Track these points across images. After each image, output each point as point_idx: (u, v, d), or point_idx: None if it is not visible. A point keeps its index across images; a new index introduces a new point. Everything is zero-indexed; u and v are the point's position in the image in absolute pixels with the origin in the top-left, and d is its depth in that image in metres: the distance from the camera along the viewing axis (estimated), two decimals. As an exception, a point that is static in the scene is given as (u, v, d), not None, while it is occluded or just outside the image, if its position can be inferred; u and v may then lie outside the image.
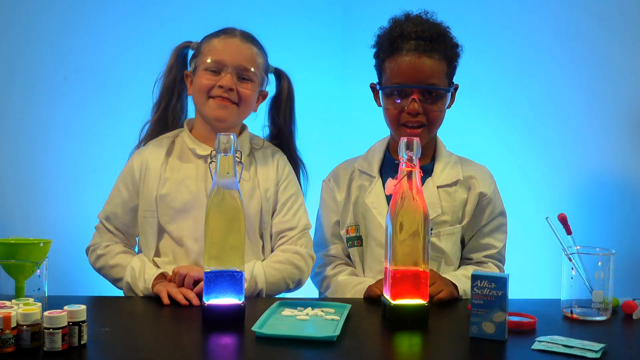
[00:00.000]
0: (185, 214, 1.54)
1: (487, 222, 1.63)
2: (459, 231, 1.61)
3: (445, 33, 1.56)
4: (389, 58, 1.57)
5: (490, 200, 1.62)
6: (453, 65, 1.58)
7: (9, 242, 1.24)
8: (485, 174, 1.66)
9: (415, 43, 1.53)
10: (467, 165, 1.66)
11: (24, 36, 2.00)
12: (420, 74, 1.52)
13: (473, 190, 1.62)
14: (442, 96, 1.55)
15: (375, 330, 1.26)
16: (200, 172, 1.56)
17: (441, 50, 1.54)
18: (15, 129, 2.00)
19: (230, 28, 1.59)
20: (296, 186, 1.64)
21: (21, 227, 1.95)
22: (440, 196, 1.59)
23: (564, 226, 1.45)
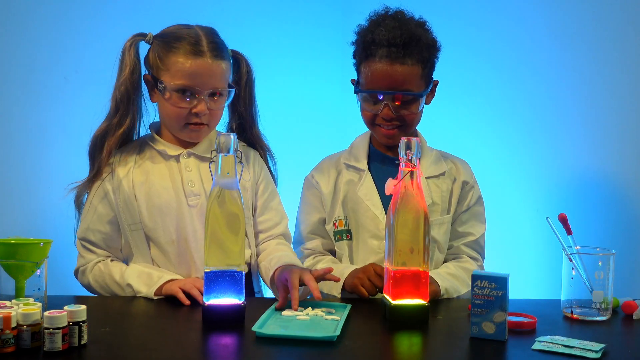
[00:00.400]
0: (167, 216, 1.53)
1: (465, 209, 1.65)
2: (448, 221, 1.63)
3: (420, 35, 1.55)
4: (364, 62, 1.58)
5: (471, 188, 1.66)
6: (430, 65, 1.59)
7: (9, 242, 1.24)
8: (464, 164, 1.70)
9: (387, 50, 1.53)
10: (448, 157, 1.70)
11: (23, 35, 2.00)
12: (392, 81, 1.53)
13: (457, 179, 1.65)
14: (415, 100, 1.56)
15: (375, 330, 1.26)
16: (173, 171, 1.55)
17: (415, 54, 1.53)
18: (15, 128, 2.00)
19: (193, 35, 1.50)
20: (272, 183, 1.68)
21: (21, 227, 1.95)
22: (429, 187, 1.61)
23: (564, 226, 1.45)
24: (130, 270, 1.51)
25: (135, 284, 1.47)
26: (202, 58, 1.48)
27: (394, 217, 1.27)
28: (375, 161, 1.66)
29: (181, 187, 1.54)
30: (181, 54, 1.48)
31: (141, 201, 1.53)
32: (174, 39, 1.50)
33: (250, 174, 1.62)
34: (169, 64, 1.49)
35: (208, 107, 1.50)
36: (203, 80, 1.48)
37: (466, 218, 1.65)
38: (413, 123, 1.60)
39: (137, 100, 1.56)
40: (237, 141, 1.26)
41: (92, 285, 1.55)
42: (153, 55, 1.53)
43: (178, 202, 1.53)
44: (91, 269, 1.56)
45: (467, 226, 1.65)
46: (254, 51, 1.65)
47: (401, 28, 1.54)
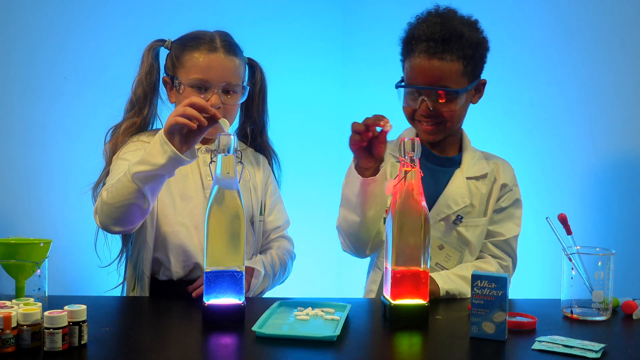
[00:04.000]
0: (184, 200, 1.56)
1: (499, 209, 1.65)
2: (484, 223, 1.63)
3: (463, 32, 1.54)
4: (406, 59, 1.59)
5: (509, 190, 1.65)
6: (473, 63, 1.56)
7: (9, 242, 1.24)
8: (507, 166, 1.69)
9: (426, 45, 1.53)
10: (491, 158, 1.69)
11: (23, 35, 2.00)
12: (429, 76, 1.53)
13: (497, 181, 1.65)
14: (454, 97, 1.55)
15: (375, 330, 1.26)
16: (192, 163, 1.55)
17: (455, 50, 1.52)
18: (15, 128, 2.00)
19: (208, 35, 1.56)
20: (278, 189, 1.74)
21: (21, 227, 1.95)
22: (469, 187, 1.62)
23: (564, 226, 1.45)
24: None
25: (138, 162, 1.35)
26: (216, 53, 1.54)
27: (394, 217, 1.27)
28: (421, 156, 1.65)
29: (199, 178, 1.58)
30: (196, 51, 1.54)
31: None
32: (190, 39, 1.57)
33: (260, 175, 1.67)
34: (185, 61, 1.55)
35: (222, 102, 1.53)
36: (216, 74, 1.53)
37: (499, 218, 1.65)
38: (452, 119, 1.57)
39: (154, 101, 1.60)
40: (237, 141, 1.26)
41: (106, 203, 1.38)
42: (170, 57, 1.59)
43: (196, 190, 1.57)
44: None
45: (498, 226, 1.64)
46: (253, 51, 1.66)
47: (442, 24, 1.54)
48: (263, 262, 1.57)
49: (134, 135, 1.59)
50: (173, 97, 1.59)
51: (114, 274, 1.65)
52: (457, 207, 1.59)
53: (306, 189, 2.49)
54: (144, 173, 1.32)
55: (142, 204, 1.37)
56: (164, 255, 1.55)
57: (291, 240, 1.73)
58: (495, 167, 1.66)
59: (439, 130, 1.58)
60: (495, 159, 1.69)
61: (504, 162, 1.69)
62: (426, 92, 1.53)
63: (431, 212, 1.59)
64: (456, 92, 1.53)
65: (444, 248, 1.59)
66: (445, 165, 1.64)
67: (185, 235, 1.55)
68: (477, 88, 1.61)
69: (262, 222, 1.67)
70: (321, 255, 2.64)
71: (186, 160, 1.32)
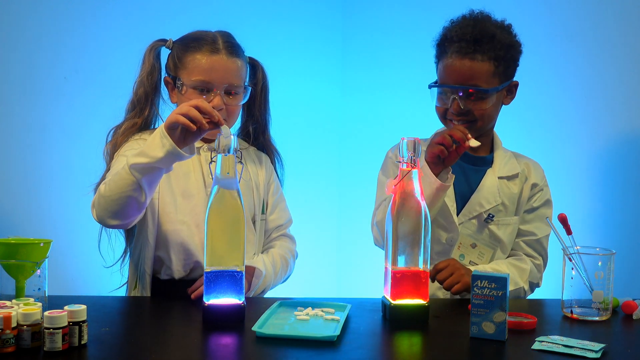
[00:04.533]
0: (185, 198, 1.56)
1: (531, 208, 1.67)
2: (515, 222, 1.66)
3: (494, 33, 1.56)
4: (439, 60, 1.62)
5: (539, 190, 1.68)
6: (505, 64, 1.58)
7: (9, 242, 1.24)
8: (537, 167, 1.72)
9: (458, 45, 1.56)
10: (522, 159, 1.72)
11: (23, 35, 2.00)
12: (460, 75, 1.56)
13: (528, 181, 1.68)
14: (484, 96, 1.57)
15: (375, 330, 1.26)
16: (194, 162, 1.59)
17: (487, 50, 1.55)
18: (15, 128, 2.00)
19: (210, 36, 1.56)
20: (280, 188, 1.74)
21: (21, 227, 1.95)
22: (500, 187, 1.64)
23: (564, 226, 1.45)
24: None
25: (136, 153, 1.35)
26: (218, 55, 1.54)
27: (394, 217, 1.27)
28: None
29: (201, 176, 1.58)
30: (198, 52, 1.54)
31: (163, 176, 1.52)
32: (192, 39, 1.57)
33: (263, 174, 1.67)
34: (187, 62, 1.55)
35: (225, 103, 1.54)
36: (219, 76, 1.53)
37: (530, 218, 1.67)
38: (483, 119, 1.60)
39: (155, 101, 1.60)
40: (237, 141, 1.26)
41: (103, 195, 1.38)
42: (172, 58, 1.59)
43: (198, 188, 1.57)
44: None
45: (531, 226, 1.67)
46: (254, 54, 1.66)
47: (475, 26, 1.57)
48: (264, 262, 1.57)
49: (135, 134, 1.58)
50: (175, 97, 1.59)
51: (116, 274, 1.65)
52: (489, 205, 1.62)
53: (306, 190, 2.49)
54: (141, 165, 1.32)
55: (139, 197, 1.36)
56: (165, 253, 1.55)
57: (293, 239, 1.73)
58: (526, 167, 1.69)
59: (470, 130, 1.58)
60: (525, 159, 1.72)
61: (534, 163, 1.72)
62: (457, 91, 1.56)
63: (463, 211, 1.63)
64: (486, 91, 1.56)
65: (476, 246, 1.62)
66: (477, 164, 1.67)
67: (187, 233, 1.55)
68: (508, 89, 1.63)
69: (264, 221, 1.67)
70: (321, 255, 2.65)
71: (185, 156, 1.32)
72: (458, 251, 1.62)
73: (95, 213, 1.41)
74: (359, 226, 2.71)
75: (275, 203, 1.70)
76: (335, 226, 2.78)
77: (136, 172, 1.33)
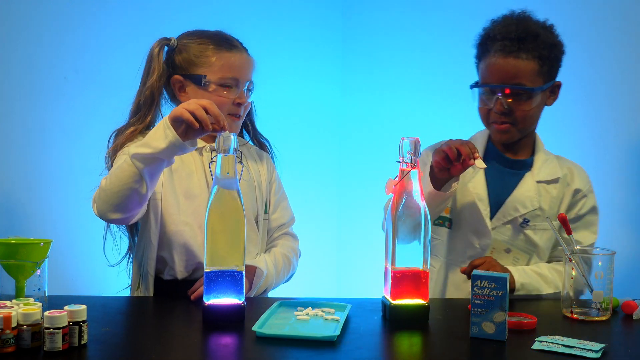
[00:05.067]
0: (188, 199, 1.56)
1: (575, 216, 1.63)
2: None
3: (538, 32, 1.55)
4: (481, 60, 1.60)
5: (583, 196, 1.64)
6: (549, 63, 1.57)
7: (9, 242, 1.24)
8: (581, 171, 1.67)
9: (501, 44, 1.54)
10: (565, 163, 1.68)
11: (23, 35, 2.00)
12: (504, 74, 1.54)
13: (569, 186, 1.64)
14: (530, 96, 1.55)
15: (375, 330, 1.26)
16: (197, 162, 1.59)
17: (531, 49, 1.53)
18: (15, 128, 2.00)
19: (224, 35, 1.58)
20: (282, 185, 1.73)
21: (21, 227, 1.95)
22: (539, 191, 1.61)
23: (564, 226, 1.45)
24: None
25: (139, 144, 1.37)
26: (240, 52, 1.58)
27: (394, 217, 1.27)
28: (492, 158, 1.65)
29: (204, 177, 1.58)
30: (223, 49, 1.56)
31: (166, 176, 1.55)
32: (207, 37, 1.57)
33: (265, 173, 1.68)
34: (210, 61, 1.55)
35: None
36: (245, 72, 1.58)
37: (575, 226, 1.62)
38: (526, 120, 1.57)
39: (159, 102, 1.60)
40: (237, 141, 1.26)
41: (104, 189, 1.38)
42: (184, 55, 1.57)
43: (200, 189, 1.56)
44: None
45: (575, 234, 1.60)
46: (254, 52, 1.66)
47: (518, 24, 1.55)
48: (266, 261, 1.57)
49: (137, 136, 1.57)
50: (185, 97, 1.56)
51: (117, 275, 1.65)
52: (525, 210, 1.59)
53: (306, 191, 2.49)
54: (143, 154, 1.33)
55: (140, 189, 1.36)
56: (168, 254, 1.55)
57: (296, 238, 1.73)
58: (569, 172, 1.65)
59: (512, 130, 1.57)
60: (569, 164, 1.67)
61: (578, 167, 1.68)
62: (501, 90, 1.54)
63: (497, 215, 1.60)
64: (531, 89, 1.53)
65: (511, 251, 1.59)
66: (515, 167, 1.64)
67: (190, 234, 1.55)
68: (551, 90, 1.61)
69: (267, 221, 1.67)
70: (321, 255, 2.65)
71: (187, 148, 1.33)
72: (491, 256, 1.59)
73: (96, 207, 1.41)
74: (359, 226, 2.72)
75: (277, 202, 1.70)
76: (335, 226, 2.78)
77: (138, 161, 1.33)
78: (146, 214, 1.53)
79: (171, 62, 1.59)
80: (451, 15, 2.45)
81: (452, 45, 2.47)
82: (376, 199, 1.67)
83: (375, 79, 2.66)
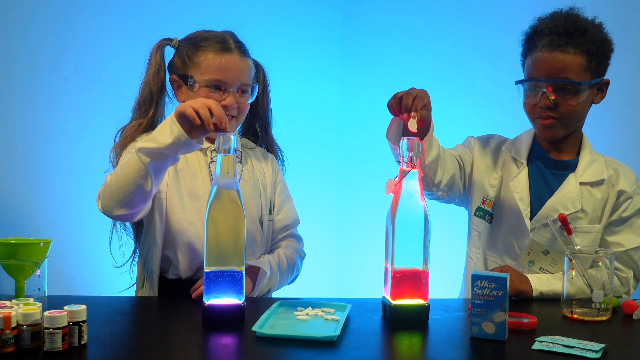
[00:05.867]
0: (193, 199, 1.56)
1: (618, 218, 1.61)
2: (597, 230, 1.59)
3: (587, 28, 1.53)
4: (528, 55, 1.59)
5: (628, 198, 1.60)
6: (597, 59, 1.55)
7: (9, 242, 1.24)
8: (628, 172, 1.64)
9: (549, 38, 1.53)
10: (611, 164, 1.65)
11: (23, 36, 2.00)
12: (551, 68, 1.53)
13: (614, 188, 1.61)
14: (576, 91, 1.53)
15: (375, 330, 1.26)
16: (201, 162, 1.60)
17: (579, 44, 1.52)
18: (15, 128, 2.00)
19: (220, 36, 1.58)
20: (287, 186, 1.74)
21: (21, 227, 1.95)
22: (581, 193, 1.59)
23: (564, 226, 1.45)
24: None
25: (145, 139, 1.38)
26: (231, 54, 1.56)
27: (394, 217, 1.27)
28: (536, 158, 1.65)
29: (208, 177, 1.58)
30: (211, 51, 1.55)
31: (171, 175, 1.55)
32: (202, 39, 1.57)
33: (270, 174, 1.68)
34: (199, 61, 1.56)
35: (236, 101, 1.56)
36: (232, 75, 1.55)
37: (619, 229, 1.60)
38: (570, 116, 1.56)
39: (161, 101, 1.61)
40: (237, 141, 1.26)
41: (109, 184, 1.39)
42: (180, 56, 1.59)
43: (205, 189, 1.57)
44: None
45: (618, 236, 1.60)
46: (254, 55, 1.66)
47: (566, 19, 1.54)
48: (270, 262, 1.57)
49: (142, 134, 1.58)
50: (182, 96, 1.59)
51: (119, 275, 1.65)
52: (567, 212, 1.56)
53: (306, 190, 2.49)
54: (148, 149, 1.33)
55: (145, 184, 1.37)
56: (172, 253, 1.55)
57: (300, 239, 1.73)
58: (615, 173, 1.62)
59: (558, 126, 1.56)
60: (615, 165, 1.65)
61: (626, 168, 1.65)
62: (548, 84, 1.52)
63: (537, 216, 1.59)
64: (579, 83, 1.52)
65: (549, 253, 1.58)
66: (559, 168, 1.62)
67: (194, 234, 1.55)
68: (599, 87, 1.59)
69: (271, 222, 1.68)
70: (321, 255, 2.65)
71: (193, 145, 1.34)
72: (527, 257, 1.58)
73: (101, 203, 1.41)
74: (359, 226, 2.72)
75: (282, 203, 1.70)
76: (335, 226, 2.78)
77: (144, 155, 1.34)
78: (151, 213, 1.54)
79: (171, 62, 1.61)
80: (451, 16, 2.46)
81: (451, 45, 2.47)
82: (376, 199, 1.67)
83: (375, 78, 2.66)
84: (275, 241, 1.69)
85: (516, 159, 1.66)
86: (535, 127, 1.61)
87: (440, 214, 1.68)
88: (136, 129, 1.58)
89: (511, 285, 1.45)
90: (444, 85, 2.43)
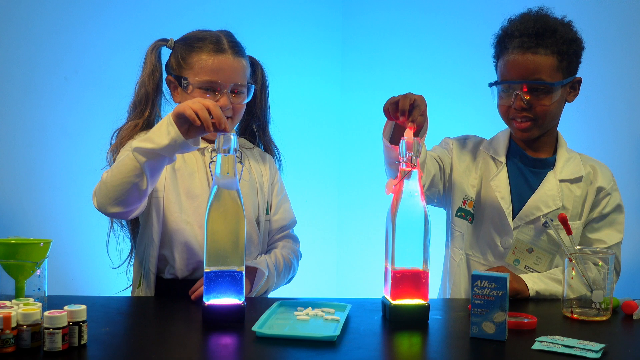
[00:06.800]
0: (190, 198, 1.56)
1: (599, 215, 1.62)
2: (577, 227, 1.61)
3: (557, 27, 1.55)
4: (500, 58, 1.60)
5: (606, 194, 1.63)
6: (568, 59, 1.56)
7: (9, 242, 1.24)
8: (604, 169, 1.66)
9: (520, 40, 1.54)
10: (588, 161, 1.67)
11: (23, 36, 2.00)
12: (523, 70, 1.54)
13: (593, 185, 1.63)
14: (549, 91, 1.54)
15: (375, 330, 1.26)
16: (199, 162, 1.60)
17: (549, 45, 1.53)
18: (15, 128, 2.00)
19: (215, 36, 1.57)
20: (284, 187, 1.74)
21: (21, 227, 1.95)
22: (562, 190, 1.60)
23: (564, 226, 1.45)
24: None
25: (142, 139, 1.36)
26: (224, 55, 1.55)
27: (394, 217, 1.27)
28: (514, 157, 1.66)
29: (206, 177, 1.58)
30: (204, 52, 1.55)
31: (169, 174, 1.55)
32: (196, 40, 1.57)
33: (267, 174, 1.68)
34: (192, 62, 1.55)
35: (230, 102, 1.55)
36: (226, 76, 1.54)
37: (599, 226, 1.62)
38: (546, 116, 1.57)
39: (157, 101, 1.61)
40: (237, 141, 1.26)
41: (105, 182, 1.39)
42: (175, 57, 1.59)
43: (202, 189, 1.57)
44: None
45: (599, 233, 1.62)
46: (254, 54, 1.66)
47: (536, 20, 1.55)
48: (267, 262, 1.57)
49: (138, 134, 1.58)
50: (178, 97, 1.59)
51: (120, 275, 1.65)
52: (548, 209, 1.58)
53: (306, 190, 2.50)
54: (144, 149, 1.33)
55: (141, 183, 1.36)
56: (169, 252, 1.55)
57: (297, 240, 1.73)
58: (592, 170, 1.64)
59: (533, 127, 1.57)
60: (592, 162, 1.67)
61: (602, 165, 1.67)
62: (521, 86, 1.53)
63: (519, 214, 1.60)
64: (551, 84, 1.53)
65: (533, 251, 1.59)
66: (537, 166, 1.64)
67: (190, 233, 1.55)
68: (572, 86, 1.61)
69: (268, 222, 1.68)
70: (321, 255, 2.65)
71: (189, 147, 1.34)
72: (513, 255, 1.59)
73: (96, 200, 1.41)
74: (359, 226, 2.72)
75: (279, 203, 1.70)
76: (335, 226, 2.78)
77: (140, 155, 1.34)
78: (148, 212, 1.54)
79: (167, 63, 1.61)
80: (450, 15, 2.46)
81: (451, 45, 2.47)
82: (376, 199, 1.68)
83: (375, 77, 2.66)
84: (272, 241, 1.69)
85: (495, 158, 1.67)
86: (511, 128, 1.63)
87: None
88: (132, 129, 1.57)
89: (509, 286, 1.44)
90: (444, 84, 2.44)
